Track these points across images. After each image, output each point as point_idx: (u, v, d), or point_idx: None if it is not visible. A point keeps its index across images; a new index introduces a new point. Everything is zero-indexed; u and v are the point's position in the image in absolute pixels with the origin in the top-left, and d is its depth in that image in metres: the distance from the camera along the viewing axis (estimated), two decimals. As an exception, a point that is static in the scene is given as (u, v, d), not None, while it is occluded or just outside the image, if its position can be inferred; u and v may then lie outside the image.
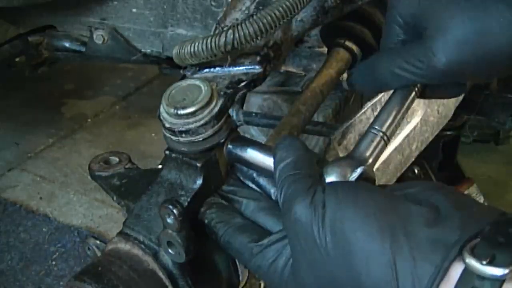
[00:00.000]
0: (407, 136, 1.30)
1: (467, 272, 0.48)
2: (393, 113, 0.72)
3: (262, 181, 0.72)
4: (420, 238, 0.52)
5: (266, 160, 0.70)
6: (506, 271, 0.46)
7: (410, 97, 0.73)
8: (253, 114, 1.06)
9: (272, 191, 0.71)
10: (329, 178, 0.63)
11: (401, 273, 0.51)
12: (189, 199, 0.71)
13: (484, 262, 0.46)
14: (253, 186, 0.73)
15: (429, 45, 0.66)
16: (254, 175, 0.73)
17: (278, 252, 0.62)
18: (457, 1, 0.65)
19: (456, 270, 0.49)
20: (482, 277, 0.46)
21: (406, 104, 0.73)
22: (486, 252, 0.47)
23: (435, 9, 0.67)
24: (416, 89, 0.74)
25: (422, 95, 0.75)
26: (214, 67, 0.79)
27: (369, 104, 1.17)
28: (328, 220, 0.56)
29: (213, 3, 1.12)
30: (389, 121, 0.72)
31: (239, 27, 0.73)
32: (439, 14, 0.66)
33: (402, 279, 0.51)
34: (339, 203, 0.57)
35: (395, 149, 1.27)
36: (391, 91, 0.76)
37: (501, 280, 0.46)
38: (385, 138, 0.71)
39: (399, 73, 0.70)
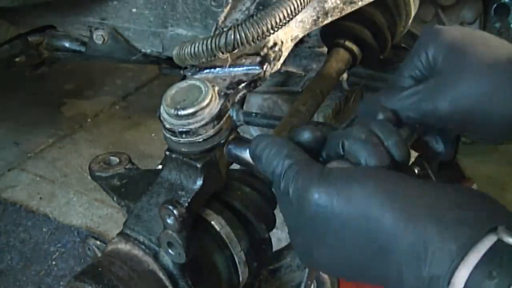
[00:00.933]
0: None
1: (499, 244, 0.51)
2: None
3: None
4: (447, 218, 0.54)
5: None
6: None
7: (411, 137, 0.74)
8: (253, 114, 1.07)
9: None
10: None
11: (429, 249, 0.53)
12: (189, 200, 0.71)
13: None
14: None
15: (437, 91, 0.69)
16: None
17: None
18: (472, 67, 0.68)
19: (484, 246, 0.52)
20: None
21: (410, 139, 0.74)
22: None
23: (456, 60, 0.70)
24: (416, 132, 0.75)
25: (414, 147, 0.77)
26: (214, 68, 0.79)
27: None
28: (353, 202, 0.57)
29: (213, 3, 1.12)
30: None
31: (239, 27, 0.73)
32: (457, 66, 0.69)
33: (430, 255, 0.53)
34: (365, 187, 0.57)
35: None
36: None
37: None
38: None
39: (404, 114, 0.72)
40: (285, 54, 0.85)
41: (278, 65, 0.84)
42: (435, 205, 0.56)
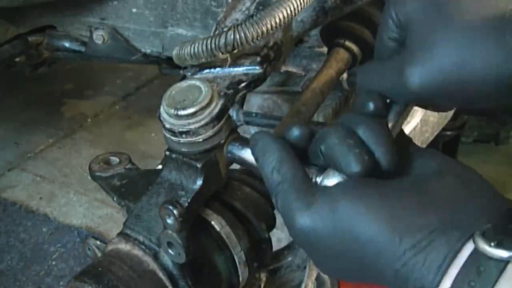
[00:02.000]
0: (407, 136, 1.30)
1: (476, 253, 0.51)
2: (390, 125, 0.72)
3: None
4: (432, 223, 0.54)
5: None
6: (508, 254, 0.49)
7: (406, 110, 0.73)
8: (253, 114, 1.06)
9: None
10: (330, 181, 0.63)
11: (412, 263, 0.53)
12: (189, 200, 0.71)
13: (492, 244, 0.50)
14: None
15: (406, 67, 0.63)
16: None
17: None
18: (448, 27, 0.62)
19: (464, 254, 0.52)
20: (489, 258, 0.50)
21: (403, 115, 0.73)
22: (494, 236, 0.50)
23: (425, 27, 0.64)
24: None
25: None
26: (214, 68, 0.79)
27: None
28: (338, 225, 0.57)
29: (213, 3, 1.12)
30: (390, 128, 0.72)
31: (239, 27, 0.73)
32: (426, 35, 0.63)
33: (413, 270, 0.53)
34: (349, 210, 0.57)
35: (395, 149, 1.27)
36: None
37: (505, 261, 0.49)
38: None
39: (380, 92, 0.68)
40: (285, 54, 0.85)
41: (278, 65, 0.84)
42: (417, 214, 0.55)
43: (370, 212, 0.56)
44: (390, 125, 0.71)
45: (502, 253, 0.49)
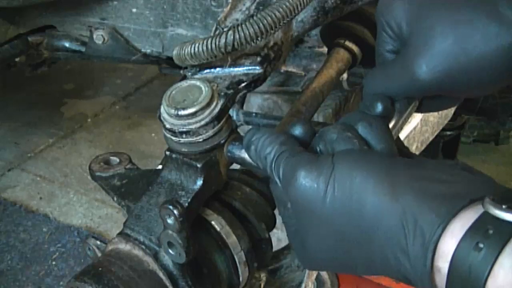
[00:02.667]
0: (407, 136, 1.30)
1: (485, 215, 0.51)
2: (392, 124, 0.72)
3: None
4: (428, 192, 0.54)
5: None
6: None
7: (408, 110, 0.73)
8: (253, 114, 1.07)
9: None
10: None
11: (411, 221, 0.53)
12: (189, 200, 0.71)
13: (504, 207, 0.50)
14: None
15: (410, 61, 0.65)
16: None
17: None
18: (442, 13, 0.64)
19: (470, 217, 0.52)
20: (500, 220, 0.50)
21: (404, 116, 0.73)
22: (505, 202, 0.51)
23: (419, 20, 0.66)
24: (414, 103, 0.74)
25: (418, 109, 0.75)
26: (215, 68, 0.79)
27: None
28: (336, 181, 0.57)
29: (213, 3, 1.12)
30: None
31: (240, 28, 0.73)
32: (421, 25, 0.65)
33: (410, 230, 0.53)
34: (348, 166, 0.57)
35: (395, 149, 1.27)
36: None
37: None
38: None
39: (388, 93, 0.69)
40: (285, 54, 0.85)
41: (279, 65, 0.84)
42: (418, 181, 0.55)
43: (368, 176, 0.56)
44: (391, 124, 0.71)
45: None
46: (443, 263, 0.52)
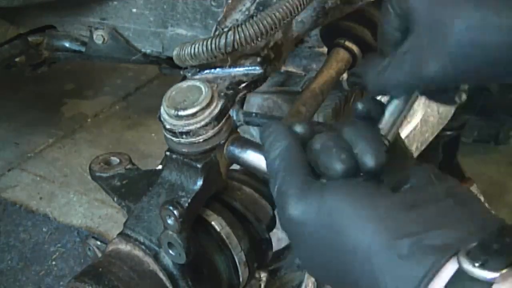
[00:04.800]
0: (407, 136, 1.30)
1: (460, 272, 0.50)
2: (393, 118, 0.71)
3: None
4: (418, 231, 0.53)
5: (267, 161, 0.70)
6: (496, 275, 0.48)
7: (410, 101, 0.72)
8: (253, 114, 1.06)
9: None
10: None
11: (390, 276, 0.52)
12: (189, 200, 0.71)
13: (476, 265, 0.49)
14: None
15: (421, 54, 0.62)
16: None
17: None
18: (459, 7, 0.60)
19: (447, 272, 0.50)
20: (473, 279, 0.49)
21: (407, 108, 0.73)
22: (479, 257, 0.49)
23: (429, 7, 0.63)
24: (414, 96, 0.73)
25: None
26: (215, 68, 0.79)
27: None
28: (321, 215, 0.57)
29: (213, 3, 1.11)
30: (389, 125, 0.71)
31: (240, 28, 0.73)
32: (433, 14, 0.62)
33: (394, 271, 0.52)
34: (336, 200, 0.57)
35: (395, 149, 1.27)
36: None
37: (490, 283, 0.48)
38: (386, 142, 0.70)
39: (391, 86, 0.67)
40: (285, 54, 0.85)
41: (279, 65, 0.84)
42: (404, 219, 0.54)
43: (355, 209, 0.56)
44: (390, 121, 0.70)
45: (486, 274, 0.48)
46: None
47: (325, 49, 1.16)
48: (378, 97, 0.73)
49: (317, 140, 0.63)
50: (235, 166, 0.78)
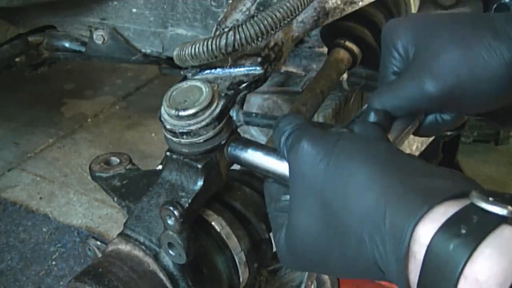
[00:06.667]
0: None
1: (471, 207, 0.51)
2: (395, 134, 0.72)
3: None
4: (417, 184, 0.55)
5: (267, 161, 0.70)
6: (506, 211, 0.50)
7: (408, 128, 0.74)
8: (253, 114, 1.06)
9: None
10: None
11: (390, 205, 0.54)
12: (189, 201, 0.71)
13: (491, 199, 0.51)
14: None
15: (419, 74, 0.68)
16: None
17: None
18: (447, 32, 0.68)
19: (455, 206, 0.52)
20: (485, 211, 0.50)
21: (404, 133, 0.74)
22: (492, 196, 0.51)
23: (425, 39, 0.70)
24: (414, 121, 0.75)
25: (416, 131, 0.77)
26: (215, 69, 0.79)
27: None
28: (334, 155, 0.59)
29: (213, 3, 1.11)
30: (392, 139, 0.72)
31: (240, 28, 0.73)
32: (428, 44, 0.69)
33: (389, 211, 0.53)
34: (349, 147, 0.60)
35: (395, 149, 1.27)
36: None
37: (500, 218, 0.50)
38: None
39: (395, 108, 0.72)
40: (285, 54, 0.85)
41: (279, 65, 0.84)
42: (409, 176, 0.56)
43: (365, 165, 0.57)
44: (393, 136, 0.72)
45: (498, 210, 0.50)
46: (419, 247, 0.51)
47: (325, 49, 1.16)
48: None
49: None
50: (235, 166, 0.78)
